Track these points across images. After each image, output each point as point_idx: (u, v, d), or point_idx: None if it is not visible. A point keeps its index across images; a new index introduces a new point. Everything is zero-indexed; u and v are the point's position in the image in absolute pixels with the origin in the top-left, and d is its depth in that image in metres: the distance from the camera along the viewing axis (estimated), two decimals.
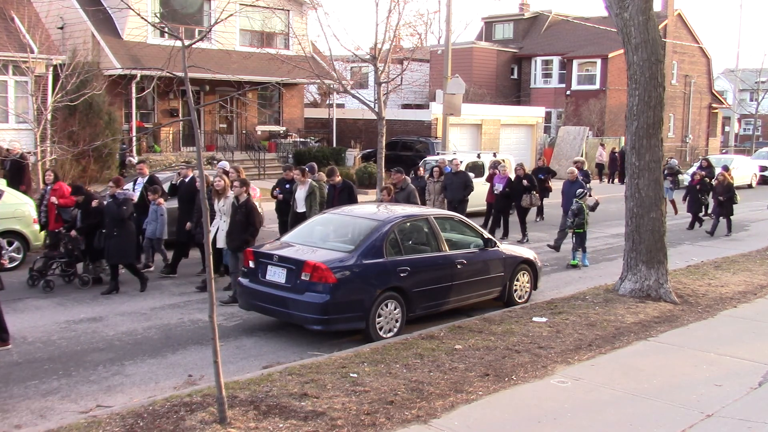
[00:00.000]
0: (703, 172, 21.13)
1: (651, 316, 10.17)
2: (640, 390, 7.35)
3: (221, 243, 11.31)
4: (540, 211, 20.64)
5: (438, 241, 10.09)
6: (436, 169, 16.79)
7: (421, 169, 17.94)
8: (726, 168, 21.76)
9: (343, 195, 13.49)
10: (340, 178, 14.07)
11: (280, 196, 14.20)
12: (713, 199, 19.70)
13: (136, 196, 12.73)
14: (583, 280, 13.23)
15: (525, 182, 17.52)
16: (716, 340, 9.22)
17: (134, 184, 13.50)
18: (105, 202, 11.56)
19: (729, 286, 12.27)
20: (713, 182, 20.45)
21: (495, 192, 17.54)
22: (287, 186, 14.17)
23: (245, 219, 10.72)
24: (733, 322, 10.13)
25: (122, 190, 11.62)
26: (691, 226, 20.14)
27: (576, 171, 16.08)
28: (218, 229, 11.45)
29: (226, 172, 12.71)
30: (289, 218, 13.69)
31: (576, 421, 6.58)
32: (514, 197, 17.46)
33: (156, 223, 12.56)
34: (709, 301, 11.16)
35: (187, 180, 12.87)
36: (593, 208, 15.07)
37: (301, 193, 13.48)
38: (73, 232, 11.73)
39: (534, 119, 38.01)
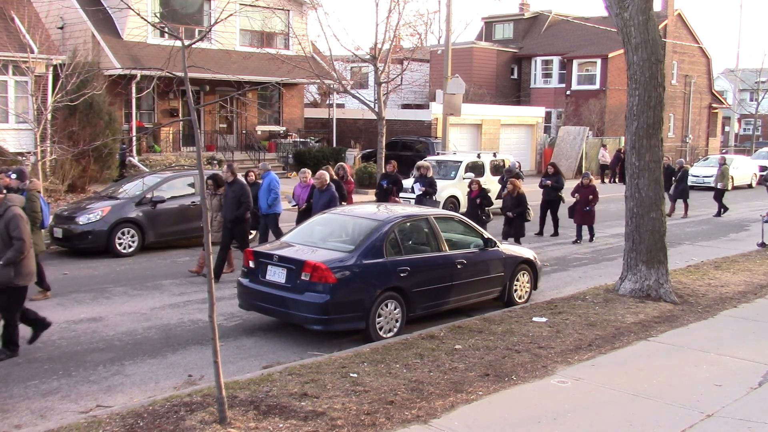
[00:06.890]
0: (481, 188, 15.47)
1: (651, 316, 10.17)
2: (640, 390, 7.35)
3: None
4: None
5: (438, 241, 10.08)
6: (209, 181, 12.59)
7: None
8: (517, 176, 17.40)
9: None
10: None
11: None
12: (503, 214, 15.95)
13: None
14: (583, 280, 13.23)
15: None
16: (716, 340, 9.22)
17: None
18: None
19: (729, 286, 12.27)
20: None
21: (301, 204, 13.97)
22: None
23: None
24: (734, 322, 10.13)
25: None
26: None
27: (326, 177, 12.93)
28: None
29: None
30: None
31: (576, 421, 6.58)
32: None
33: None
34: (709, 301, 11.16)
35: None
36: None
37: None
38: None
39: (534, 119, 38.01)
